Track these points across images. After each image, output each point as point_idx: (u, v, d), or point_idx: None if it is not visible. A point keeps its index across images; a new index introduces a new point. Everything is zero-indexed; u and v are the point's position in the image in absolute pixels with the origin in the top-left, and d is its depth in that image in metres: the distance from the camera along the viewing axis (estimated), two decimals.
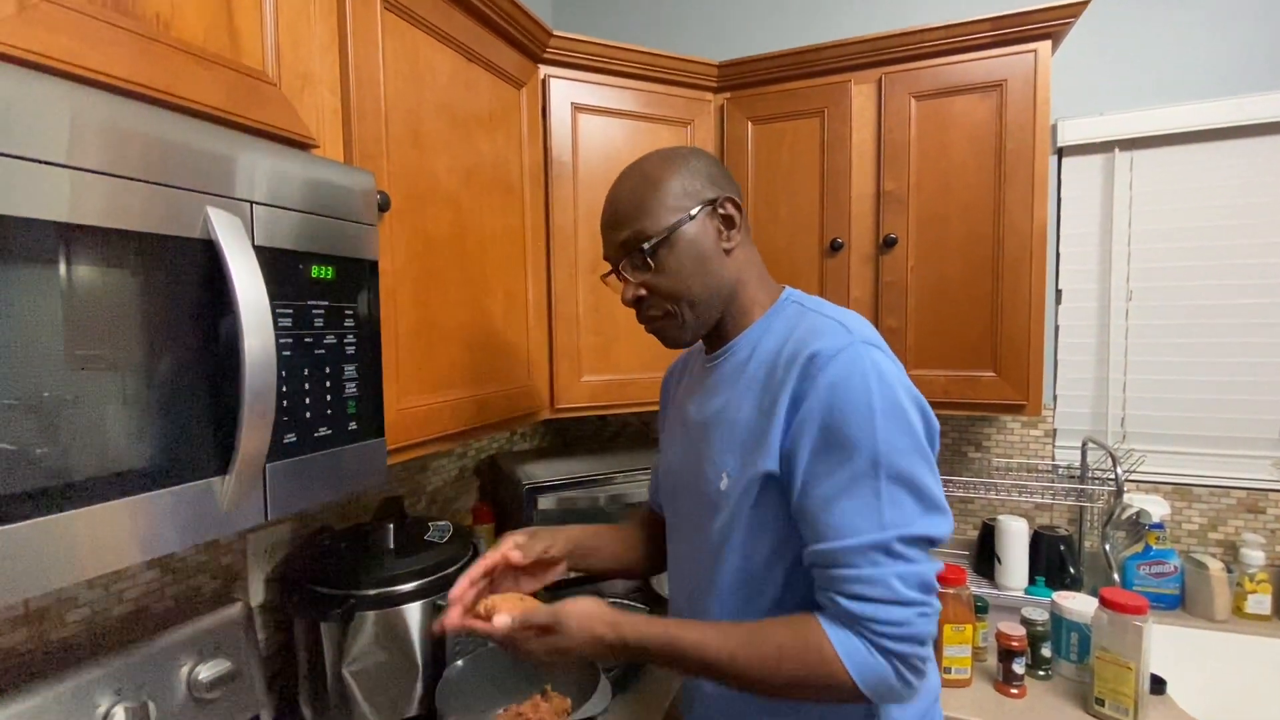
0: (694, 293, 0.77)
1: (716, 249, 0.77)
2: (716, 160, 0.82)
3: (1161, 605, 1.44)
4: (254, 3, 0.71)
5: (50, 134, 0.48)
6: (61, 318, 0.49)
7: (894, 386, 0.67)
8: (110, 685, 0.76)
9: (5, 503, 0.46)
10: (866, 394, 0.65)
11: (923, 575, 0.65)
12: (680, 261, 0.76)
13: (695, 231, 0.76)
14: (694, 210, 0.76)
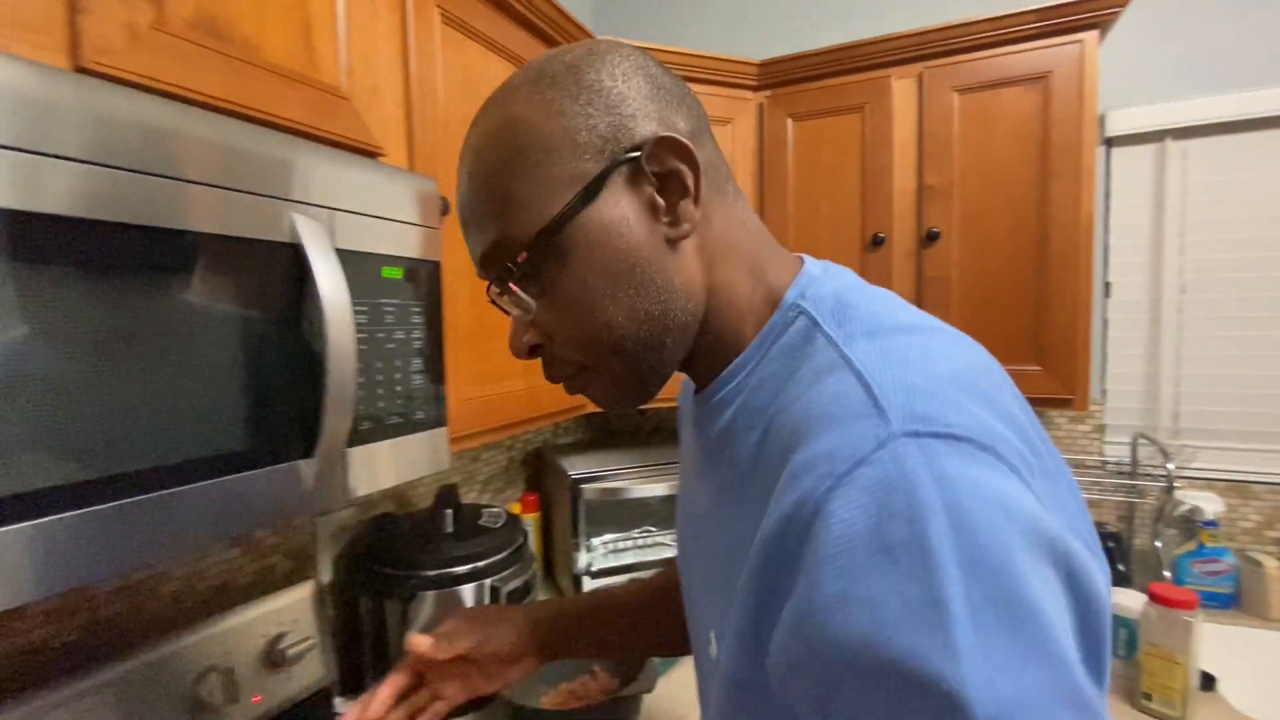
0: (617, 329, 0.43)
1: (651, 241, 0.42)
2: (634, 60, 0.44)
3: (1215, 604, 1.41)
4: (329, 24, 0.77)
5: (162, 151, 0.54)
6: (172, 318, 0.55)
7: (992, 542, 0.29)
8: (202, 652, 0.83)
9: (130, 479, 0.52)
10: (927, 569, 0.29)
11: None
12: (582, 281, 0.42)
13: (604, 218, 0.42)
14: (596, 178, 0.41)
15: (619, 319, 0.43)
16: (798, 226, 1.49)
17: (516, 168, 0.42)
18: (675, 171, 0.42)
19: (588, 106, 0.42)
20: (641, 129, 0.42)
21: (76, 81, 0.49)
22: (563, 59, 0.44)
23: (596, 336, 0.44)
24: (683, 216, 0.43)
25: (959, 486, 0.30)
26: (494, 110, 0.44)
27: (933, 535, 0.29)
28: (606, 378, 0.46)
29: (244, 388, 0.60)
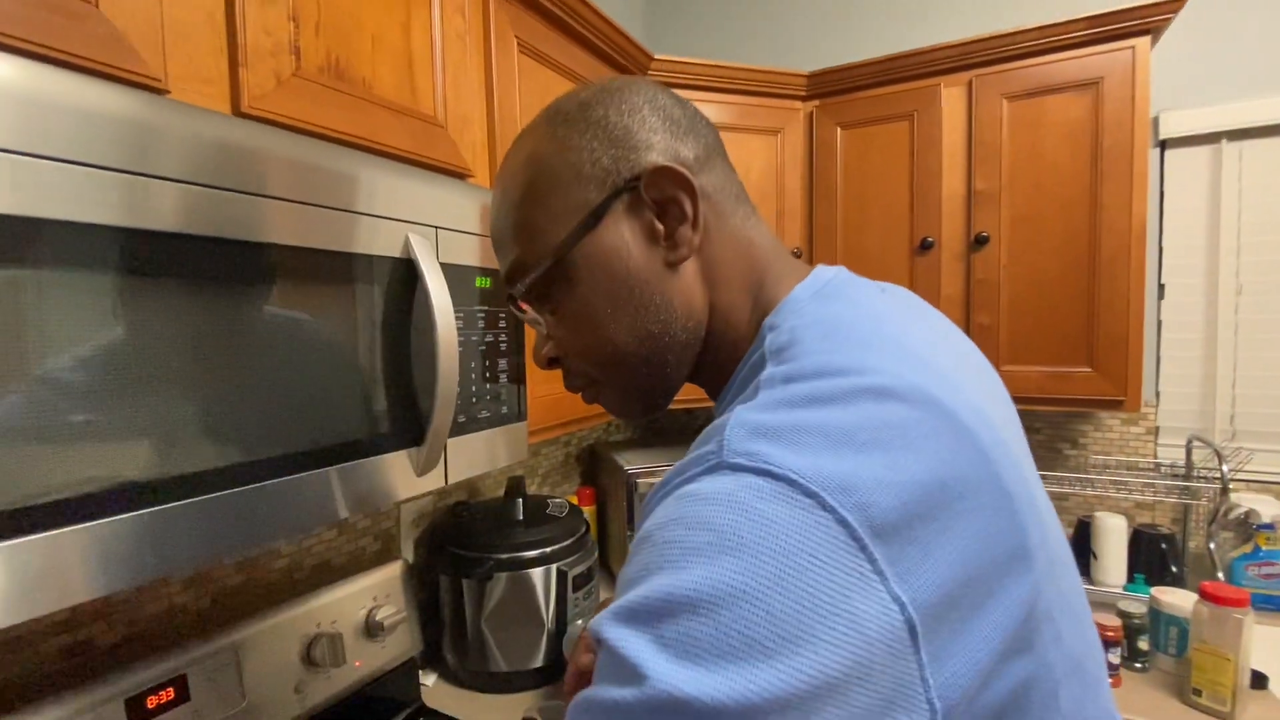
0: (620, 346, 0.47)
1: (650, 264, 0.46)
2: (645, 93, 0.48)
3: (1270, 607, 1.40)
4: (428, 61, 0.86)
5: (305, 181, 0.63)
6: (304, 325, 0.64)
7: (758, 573, 0.30)
8: (312, 619, 0.93)
9: (269, 464, 0.61)
10: (686, 569, 0.31)
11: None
12: (586, 300, 0.47)
13: (606, 243, 0.46)
14: (598, 207, 0.45)
15: (621, 337, 0.47)
16: (846, 232, 1.54)
17: (532, 198, 0.47)
18: (674, 198, 0.45)
19: (593, 141, 0.46)
20: (643, 160, 0.45)
21: (237, 124, 0.59)
22: (578, 97, 0.48)
23: (602, 352, 0.48)
24: (680, 241, 0.46)
25: (749, 516, 0.31)
26: (519, 145, 0.50)
27: (704, 552, 0.31)
28: (615, 390, 0.50)
29: (365, 385, 0.70)
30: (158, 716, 0.75)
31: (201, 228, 0.54)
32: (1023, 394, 1.39)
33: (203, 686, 0.79)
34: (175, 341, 0.52)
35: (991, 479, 0.35)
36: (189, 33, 0.61)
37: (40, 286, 0.45)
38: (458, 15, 0.90)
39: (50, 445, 0.45)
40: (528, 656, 1.13)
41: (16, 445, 0.44)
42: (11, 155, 0.43)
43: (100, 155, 0.48)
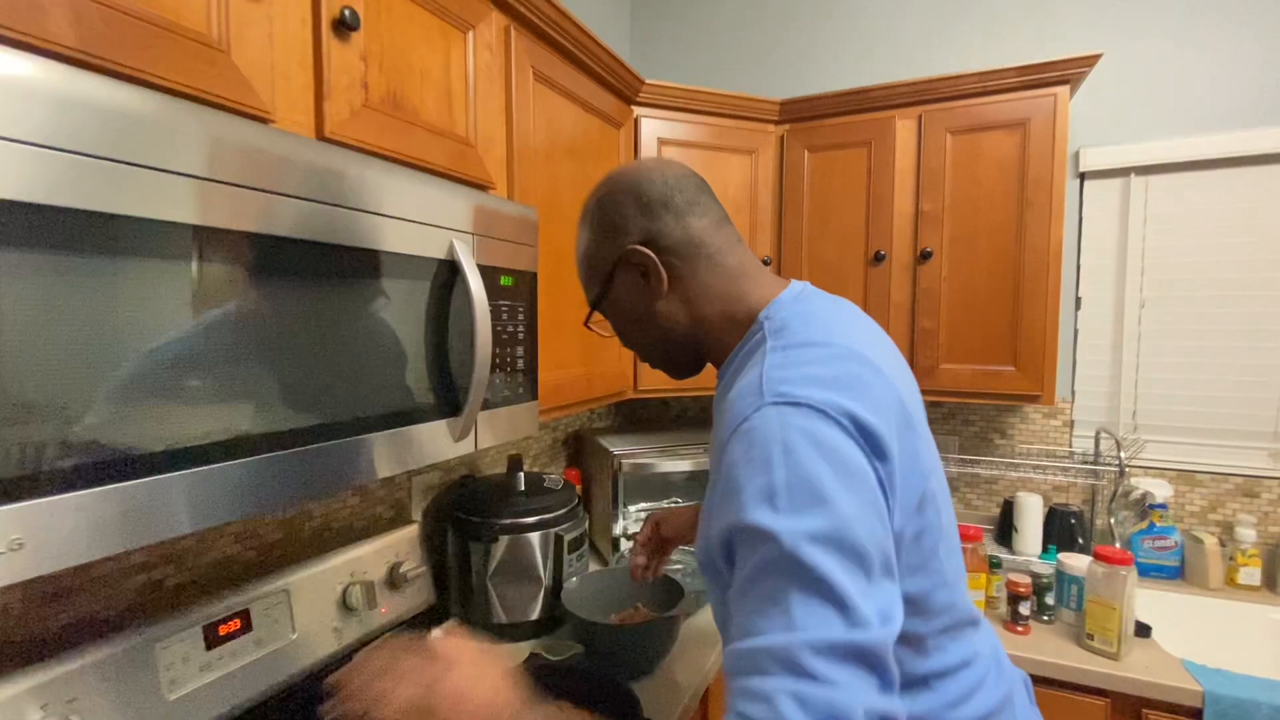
0: (645, 344, 0.78)
1: (645, 301, 0.73)
2: (645, 186, 0.72)
3: (1163, 575, 1.65)
4: (463, 90, 1.01)
5: (371, 194, 0.78)
6: (365, 313, 0.79)
7: (804, 456, 0.53)
8: (345, 570, 1.07)
9: (346, 425, 0.75)
10: (767, 470, 0.54)
11: (835, 703, 0.47)
12: (620, 320, 0.79)
13: (618, 292, 0.75)
14: (610, 272, 0.74)
15: (641, 342, 0.79)
16: (810, 243, 1.73)
17: (584, 265, 0.79)
18: (642, 264, 0.73)
19: (599, 233, 0.76)
20: (623, 244, 0.73)
21: (320, 147, 0.73)
22: (595, 196, 0.78)
23: (636, 346, 0.80)
24: (658, 287, 0.73)
25: (789, 434, 0.55)
26: (581, 220, 0.80)
27: (774, 457, 0.54)
28: (654, 363, 0.81)
29: (415, 364, 0.84)
30: (227, 641, 0.88)
31: (289, 231, 0.68)
32: (957, 388, 1.61)
33: (262, 620, 0.93)
34: (267, 325, 0.67)
35: (907, 414, 0.63)
36: (290, 73, 0.75)
37: (168, 276, 0.59)
38: (486, 51, 1.05)
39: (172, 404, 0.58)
40: (526, 609, 1.28)
41: (147, 403, 0.58)
42: (135, 168, 0.56)
43: (224, 173, 0.61)
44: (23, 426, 0.48)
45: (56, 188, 0.49)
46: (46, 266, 0.49)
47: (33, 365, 0.48)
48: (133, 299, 0.54)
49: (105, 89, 0.52)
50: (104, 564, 0.86)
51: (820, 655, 0.48)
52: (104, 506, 0.52)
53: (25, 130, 0.47)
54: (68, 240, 0.50)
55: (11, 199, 0.47)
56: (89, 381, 0.51)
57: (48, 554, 0.49)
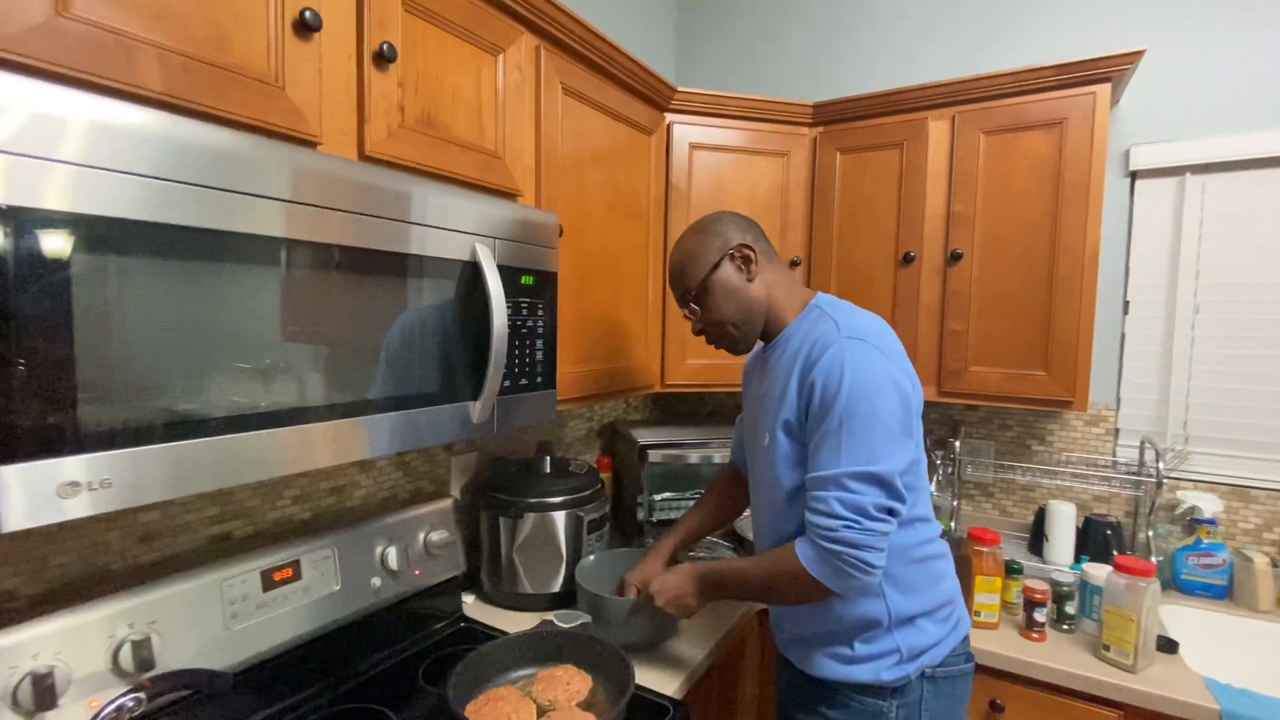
0: (733, 318, 1.09)
1: (741, 283, 1.08)
2: (736, 218, 1.12)
3: (1209, 594, 1.58)
4: (492, 107, 1.12)
5: (405, 205, 0.89)
6: (397, 307, 0.90)
7: (865, 369, 0.94)
8: (384, 536, 1.21)
9: (381, 402, 0.88)
10: (841, 375, 0.94)
11: (858, 501, 0.91)
12: (716, 299, 1.08)
13: (722, 275, 1.08)
14: (717, 261, 1.08)
15: (732, 314, 1.09)
16: (840, 244, 1.75)
17: (694, 256, 1.10)
18: (746, 255, 1.08)
19: (711, 236, 1.10)
20: (734, 240, 1.09)
21: (361, 166, 0.85)
22: (703, 221, 1.13)
23: (724, 322, 1.10)
24: (752, 272, 1.09)
25: (857, 356, 0.96)
26: (682, 242, 1.13)
27: (845, 368, 0.95)
28: (731, 338, 1.11)
29: (441, 351, 0.96)
30: (280, 586, 1.03)
31: (337, 239, 0.81)
32: (985, 391, 1.59)
33: (310, 571, 1.07)
34: (316, 318, 0.79)
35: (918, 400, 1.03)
36: (336, 100, 0.87)
37: (238, 276, 0.72)
38: (516, 70, 1.16)
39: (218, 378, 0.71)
40: (549, 581, 1.39)
41: (197, 376, 0.71)
42: (218, 191, 0.69)
43: (278, 191, 0.74)
44: (123, 397, 0.61)
45: (156, 208, 0.63)
46: (148, 270, 0.62)
47: (133, 347, 0.62)
48: (210, 294, 0.67)
49: (188, 128, 0.66)
50: (185, 515, 1.03)
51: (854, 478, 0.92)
52: (173, 458, 0.66)
53: (131, 164, 0.61)
54: (161, 248, 0.63)
55: (123, 217, 0.60)
56: (174, 360, 0.65)
57: (132, 492, 0.63)
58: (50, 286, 0.57)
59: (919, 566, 1.04)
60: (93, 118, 0.59)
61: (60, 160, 0.57)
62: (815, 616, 1.05)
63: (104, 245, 0.60)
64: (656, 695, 1.09)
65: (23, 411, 0.56)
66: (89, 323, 0.59)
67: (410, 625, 1.25)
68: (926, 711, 1.03)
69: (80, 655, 0.81)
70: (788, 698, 1.14)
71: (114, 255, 0.61)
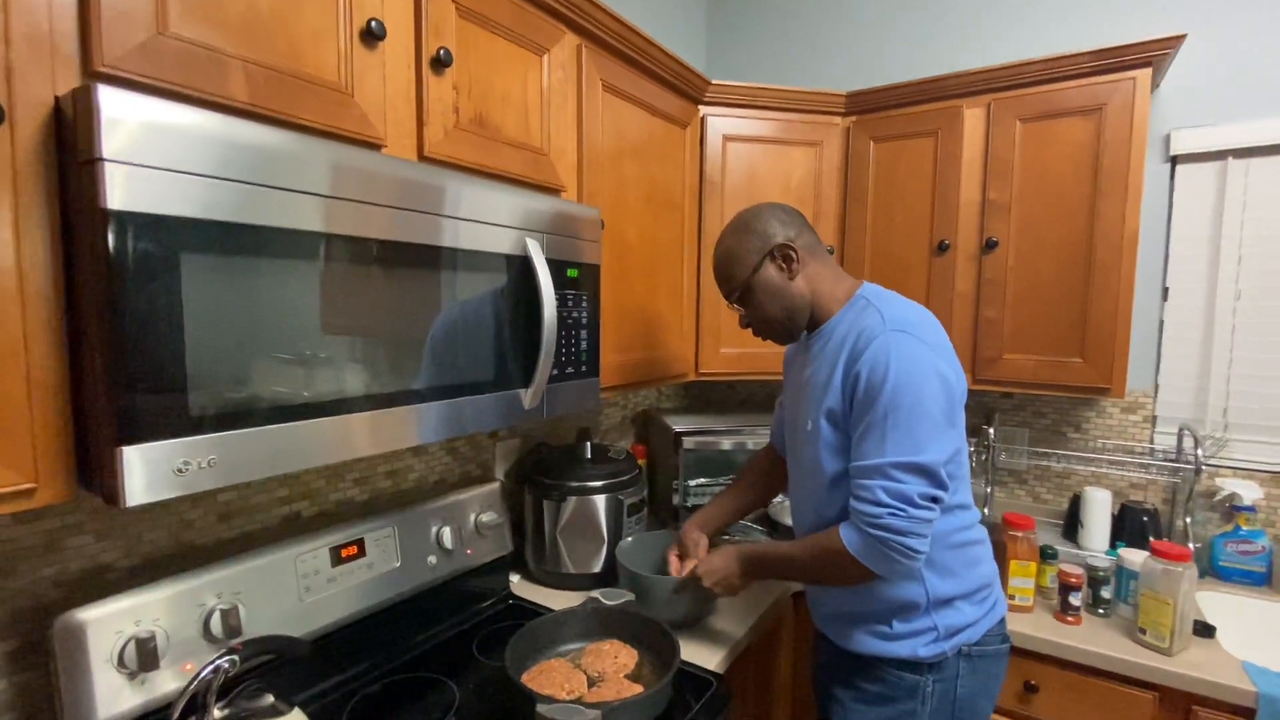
0: (777, 315, 1.12)
1: (784, 280, 1.10)
2: (779, 212, 1.12)
3: (1248, 581, 1.58)
4: (538, 107, 1.16)
5: (462, 203, 0.94)
6: (458, 299, 0.95)
7: (910, 361, 0.96)
8: (438, 517, 1.27)
9: (438, 390, 0.93)
10: (886, 367, 0.96)
11: (903, 491, 0.94)
12: (760, 298, 1.11)
13: (764, 275, 1.10)
14: (758, 263, 1.10)
15: (776, 312, 1.12)
16: (874, 233, 1.77)
17: (736, 257, 1.12)
18: (787, 254, 1.10)
19: (752, 236, 1.11)
20: (774, 240, 1.10)
21: (420, 167, 0.89)
22: (744, 219, 1.14)
23: (769, 319, 1.13)
24: (794, 270, 1.10)
25: (903, 347, 0.98)
26: (724, 240, 1.14)
27: (891, 360, 0.97)
28: (777, 332, 1.15)
29: (494, 341, 1.01)
30: (347, 562, 1.10)
31: (400, 235, 0.86)
32: (1020, 378, 1.60)
33: (374, 548, 1.14)
34: (388, 309, 0.84)
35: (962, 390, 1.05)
36: (398, 104, 0.92)
37: (310, 273, 0.77)
38: (560, 70, 1.20)
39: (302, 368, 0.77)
40: (590, 562, 1.45)
41: (284, 366, 0.77)
42: (304, 195, 0.74)
43: (349, 192, 0.79)
44: (225, 384, 0.67)
45: (251, 211, 0.68)
46: (246, 269, 0.68)
47: (233, 339, 0.68)
48: (297, 291, 0.73)
49: (262, 133, 0.71)
50: (258, 496, 1.10)
51: (898, 468, 0.95)
52: (267, 441, 0.72)
53: (204, 166, 0.66)
54: (255, 248, 0.69)
55: (223, 220, 0.66)
56: (254, 352, 0.71)
57: (231, 471, 0.69)
58: (163, 284, 0.63)
59: (957, 551, 1.06)
60: (191, 128, 0.65)
61: (165, 168, 0.63)
62: (854, 597, 1.08)
63: (207, 246, 0.66)
64: (700, 670, 1.14)
65: (142, 397, 0.62)
66: (196, 316, 0.65)
67: (463, 601, 1.32)
68: (962, 688, 1.06)
69: (175, 622, 0.89)
70: (825, 672, 1.18)
71: (215, 255, 0.67)
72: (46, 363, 0.62)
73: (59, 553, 0.88)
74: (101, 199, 0.59)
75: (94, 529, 0.91)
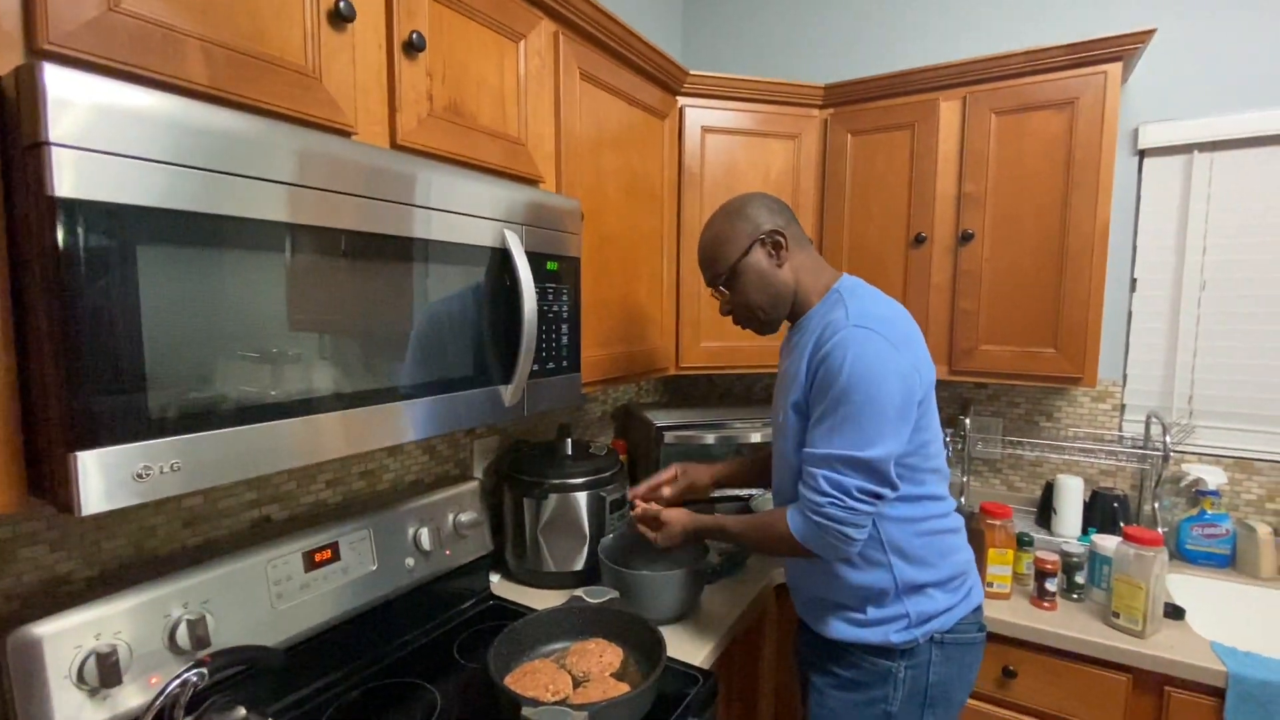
0: (761, 302, 1.12)
1: (771, 267, 1.11)
2: (769, 201, 1.13)
3: (1212, 563, 1.62)
4: (514, 95, 1.13)
5: (436, 192, 0.91)
6: (432, 291, 0.92)
7: (867, 357, 0.97)
8: (415, 518, 1.24)
9: (408, 388, 0.90)
10: (842, 362, 0.98)
11: (844, 482, 0.97)
12: (746, 283, 1.11)
13: (753, 260, 1.10)
14: (748, 246, 1.10)
15: (761, 299, 1.12)
16: (852, 225, 1.77)
17: (726, 239, 1.11)
18: (777, 241, 1.10)
19: (743, 221, 1.11)
20: (765, 225, 1.11)
21: (393, 155, 0.86)
22: (734, 204, 1.14)
23: (753, 305, 1.12)
24: (782, 257, 1.11)
25: (861, 343, 0.99)
26: (717, 221, 1.14)
27: (848, 355, 0.98)
28: (759, 320, 1.14)
29: (473, 336, 0.98)
30: (321, 567, 1.06)
31: (372, 226, 0.82)
32: (996, 369, 1.62)
33: (349, 552, 1.10)
34: (361, 303, 0.81)
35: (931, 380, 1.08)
36: (369, 90, 0.89)
37: (275, 265, 0.74)
38: (536, 57, 1.17)
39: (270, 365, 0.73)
40: (572, 560, 1.43)
41: (251, 364, 0.73)
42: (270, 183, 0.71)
43: (317, 180, 0.75)
44: (188, 384, 0.64)
45: (212, 200, 0.64)
46: (206, 261, 0.64)
47: (194, 336, 0.64)
48: (261, 284, 0.69)
49: (223, 117, 0.67)
50: (225, 500, 1.05)
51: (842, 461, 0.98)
52: (235, 443, 0.68)
53: (161, 152, 0.62)
54: (217, 239, 0.65)
55: (182, 209, 0.62)
56: (218, 349, 0.67)
57: (195, 476, 0.66)
58: (117, 278, 0.59)
59: (928, 539, 1.08)
60: (148, 110, 0.61)
61: (119, 154, 0.59)
62: (827, 584, 1.10)
63: (165, 237, 0.62)
64: (686, 666, 1.13)
65: (98, 399, 0.58)
66: (154, 312, 0.61)
67: (442, 603, 1.29)
68: (934, 674, 1.07)
69: (138, 634, 0.84)
70: (804, 658, 1.19)
71: (174, 247, 0.63)
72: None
73: (12, 564, 0.83)
74: (49, 186, 0.54)
75: (49, 538, 0.86)
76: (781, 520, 1.05)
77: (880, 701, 1.07)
